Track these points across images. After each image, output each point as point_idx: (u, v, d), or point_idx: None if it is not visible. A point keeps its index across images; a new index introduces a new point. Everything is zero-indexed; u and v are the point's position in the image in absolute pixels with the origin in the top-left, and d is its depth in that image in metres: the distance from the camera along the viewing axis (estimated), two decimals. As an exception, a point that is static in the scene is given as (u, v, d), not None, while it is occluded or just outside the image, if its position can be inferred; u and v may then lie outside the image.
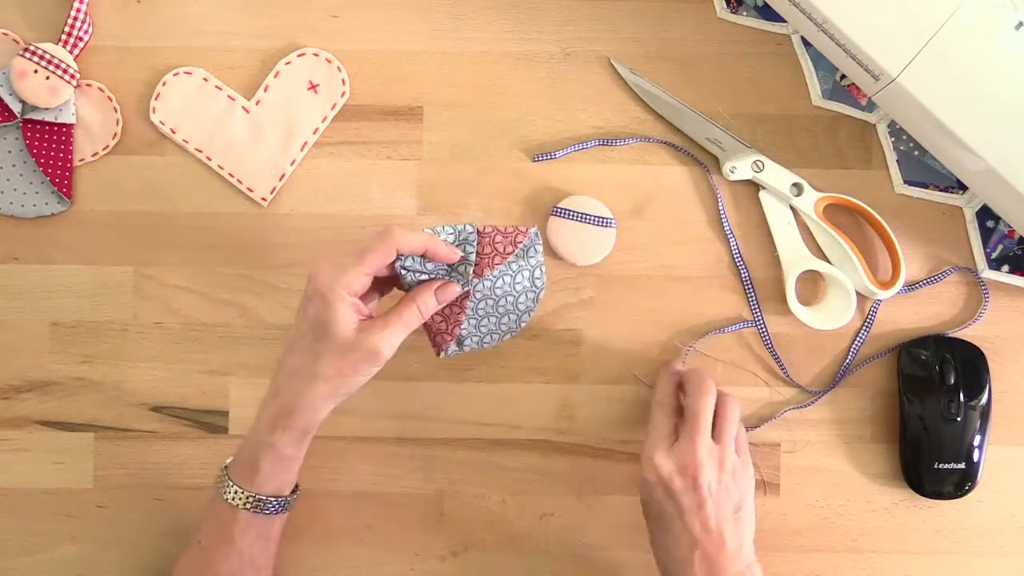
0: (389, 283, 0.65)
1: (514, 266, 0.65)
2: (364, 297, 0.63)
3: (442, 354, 0.66)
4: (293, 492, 0.65)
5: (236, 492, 0.63)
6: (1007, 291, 0.73)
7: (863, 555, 0.73)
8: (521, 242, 0.64)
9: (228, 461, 0.65)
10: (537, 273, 0.65)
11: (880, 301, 0.73)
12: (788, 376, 0.73)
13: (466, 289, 0.64)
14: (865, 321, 0.73)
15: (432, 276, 0.63)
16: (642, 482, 0.65)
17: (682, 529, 0.63)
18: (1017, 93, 0.65)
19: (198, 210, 0.73)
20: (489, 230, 0.64)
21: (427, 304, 0.63)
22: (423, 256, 0.62)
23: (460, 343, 0.66)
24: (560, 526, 0.73)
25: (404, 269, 0.63)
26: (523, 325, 0.66)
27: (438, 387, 0.73)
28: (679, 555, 0.63)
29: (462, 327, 0.65)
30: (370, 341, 0.60)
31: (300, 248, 0.73)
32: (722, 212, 0.73)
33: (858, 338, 0.73)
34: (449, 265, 0.63)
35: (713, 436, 0.65)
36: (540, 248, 0.65)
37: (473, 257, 0.63)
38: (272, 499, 0.63)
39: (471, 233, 0.63)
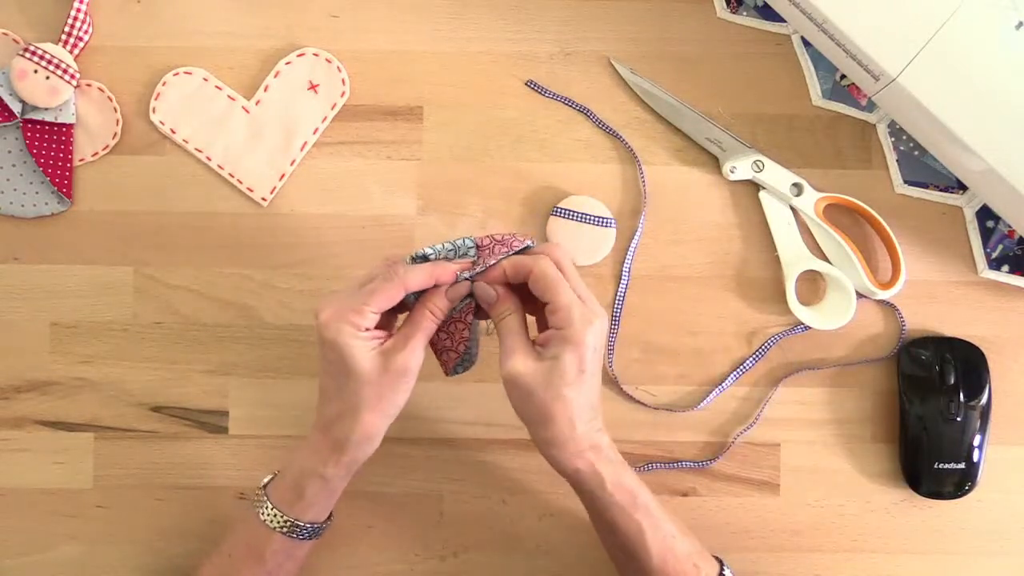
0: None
1: None
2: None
3: (451, 374, 0.64)
4: (328, 519, 0.65)
5: (275, 515, 0.62)
6: (1007, 291, 0.73)
7: (863, 555, 0.73)
8: (518, 247, 0.61)
9: (266, 480, 0.64)
10: None
11: (779, 337, 0.73)
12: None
13: (469, 302, 0.62)
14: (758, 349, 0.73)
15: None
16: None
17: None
18: (1017, 93, 0.65)
19: (198, 210, 0.73)
20: (487, 242, 0.62)
21: (439, 305, 0.61)
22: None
23: (464, 364, 0.64)
24: (560, 526, 0.73)
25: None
26: None
27: (438, 387, 0.73)
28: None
29: (468, 343, 0.63)
30: (396, 363, 0.59)
31: (300, 248, 0.73)
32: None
33: (747, 362, 0.73)
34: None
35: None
36: None
37: (476, 271, 0.61)
38: (309, 525, 0.63)
39: (471, 248, 0.61)
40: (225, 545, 0.65)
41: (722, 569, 0.62)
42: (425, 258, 0.61)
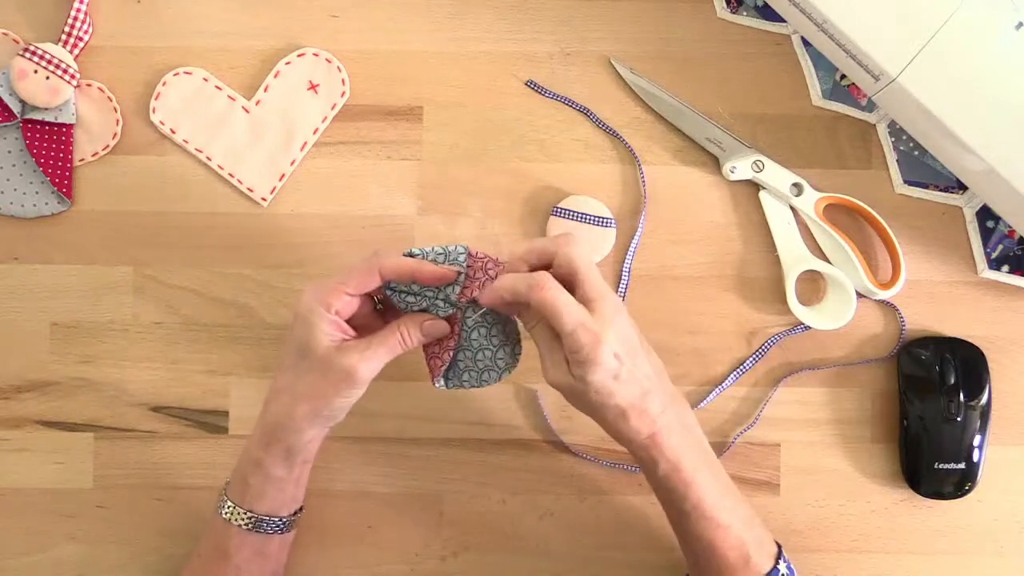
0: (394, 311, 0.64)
1: None
2: (363, 325, 0.62)
3: (437, 384, 0.63)
4: (295, 513, 0.65)
5: (230, 508, 0.63)
6: (1007, 291, 0.73)
7: (863, 555, 0.73)
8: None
9: (229, 479, 0.65)
10: None
11: (779, 337, 0.73)
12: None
13: (453, 312, 0.62)
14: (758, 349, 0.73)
15: (419, 295, 0.62)
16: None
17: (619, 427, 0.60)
18: (1017, 93, 0.65)
19: (198, 210, 0.73)
20: (481, 255, 0.61)
21: (411, 335, 0.61)
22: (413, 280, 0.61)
23: (459, 377, 0.64)
24: (560, 526, 0.73)
25: (390, 291, 0.62)
26: (518, 357, 0.64)
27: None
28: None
29: (457, 356, 0.63)
30: (348, 361, 0.59)
31: (300, 248, 0.73)
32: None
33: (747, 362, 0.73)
34: (436, 287, 0.61)
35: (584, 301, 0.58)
36: None
37: (462, 278, 0.61)
38: (267, 518, 0.63)
39: (461, 254, 0.61)
40: (196, 547, 0.66)
41: (776, 563, 0.61)
42: (412, 256, 0.61)
